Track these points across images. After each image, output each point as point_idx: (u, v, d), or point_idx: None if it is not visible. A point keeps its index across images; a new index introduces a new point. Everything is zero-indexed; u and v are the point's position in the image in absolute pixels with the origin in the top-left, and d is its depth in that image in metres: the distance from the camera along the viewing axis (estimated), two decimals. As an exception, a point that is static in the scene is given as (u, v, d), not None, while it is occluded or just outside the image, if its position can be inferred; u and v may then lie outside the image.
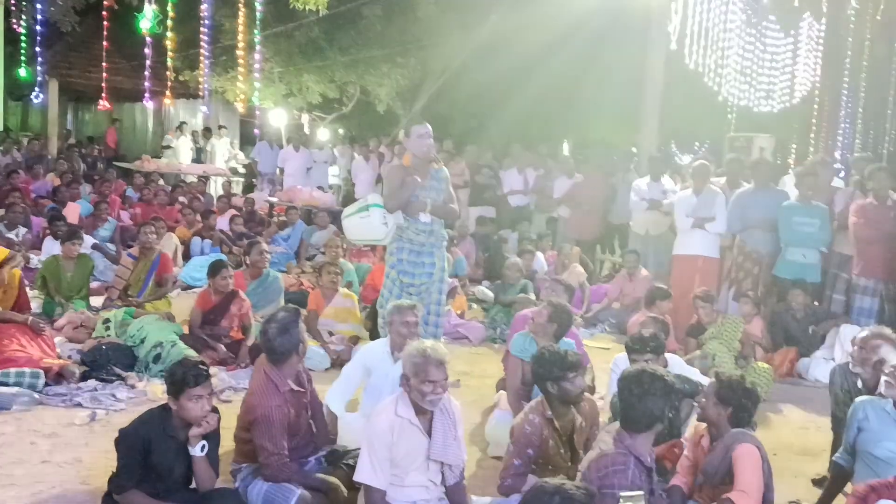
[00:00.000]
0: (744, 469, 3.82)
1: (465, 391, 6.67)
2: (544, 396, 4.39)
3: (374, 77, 17.59)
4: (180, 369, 3.99)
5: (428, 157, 6.45)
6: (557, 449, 4.33)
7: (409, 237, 6.48)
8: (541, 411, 4.36)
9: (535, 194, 13.05)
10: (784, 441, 6.04)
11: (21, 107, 24.83)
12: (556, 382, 4.30)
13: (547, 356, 4.39)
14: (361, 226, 6.57)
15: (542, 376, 4.36)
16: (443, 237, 6.62)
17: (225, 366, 6.78)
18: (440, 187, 6.52)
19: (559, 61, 16.43)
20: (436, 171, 6.54)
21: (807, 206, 8.18)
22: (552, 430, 4.32)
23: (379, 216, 6.44)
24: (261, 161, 16.74)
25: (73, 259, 8.13)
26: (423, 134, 6.43)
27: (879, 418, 4.31)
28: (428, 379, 3.78)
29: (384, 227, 6.43)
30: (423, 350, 3.82)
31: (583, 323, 9.19)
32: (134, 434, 3.87)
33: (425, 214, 6.41)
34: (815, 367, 7.66)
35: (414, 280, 6.45)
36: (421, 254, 6.47)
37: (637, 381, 3.70)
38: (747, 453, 3.87)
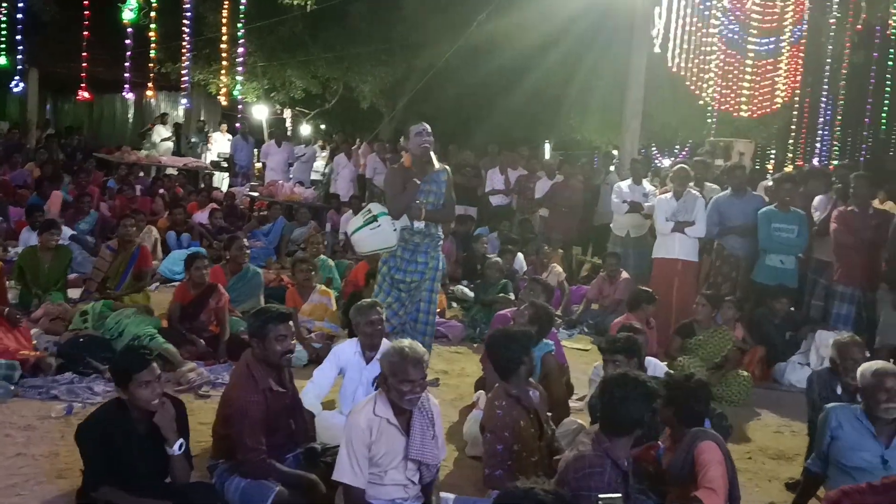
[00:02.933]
0: (706, 466, 3.87)
1: (443, 390, 6.68)
2: (508, 379, 4.51)
3: (357, 74, 17.52)
4: (123, 358, 4.06)
5: (424, 157, 6.36)
6: (528, 428, 4.40)
7: (403, 237, 6.45)
8: (503, 394, 4.45)
9: (517, 195, 13.07)
10: (759, 444, 6.09)
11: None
12: (529, 357, 4.52)
13: (506, 336, 4.62)
14: (374, 237, 6.45)
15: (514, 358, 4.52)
16: (438, 237, 6.58)
17: (204, 360, 6.74)
18: (439, 190, 6.44)
19: (544, 63, 16.46)
20: (436, 172, 6.45)
21: (785, 212, 8.26)
22: (521, 409, 4.41)
23: (388, 224, 6.36)
24: (236, 155, 16.66)
25: (50, 250, 8.05)
26: (419, 132, 6.34)
27: (853, 427, 4.35)
28: (406, 378, 3.78)
29: (395, 233, 6.38)
30: (401, 349, 3.82)
31: (562, 323, 9.23)
32: (92, 428, 3.85)
33: (419, 221, 6.38)
34: (791, 372, 7.73)
35: (405, 277, 6.43)
36: (415, 252, 6.44)
37: (619, 385, 3.72)
38: (707, 450, 3.92)
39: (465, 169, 13.54)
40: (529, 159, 14.13)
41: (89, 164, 15.76)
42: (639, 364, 5.04)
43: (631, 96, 12.81)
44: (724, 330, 7.38)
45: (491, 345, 4.69)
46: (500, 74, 17.21)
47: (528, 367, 4.55)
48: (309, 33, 16.72)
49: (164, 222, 11.45)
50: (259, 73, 17.63)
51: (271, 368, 4.36)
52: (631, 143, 12.84)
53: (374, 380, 4.57)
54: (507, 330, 4.79)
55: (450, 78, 17.46)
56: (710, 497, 3.76)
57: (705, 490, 3.79)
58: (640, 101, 12.81)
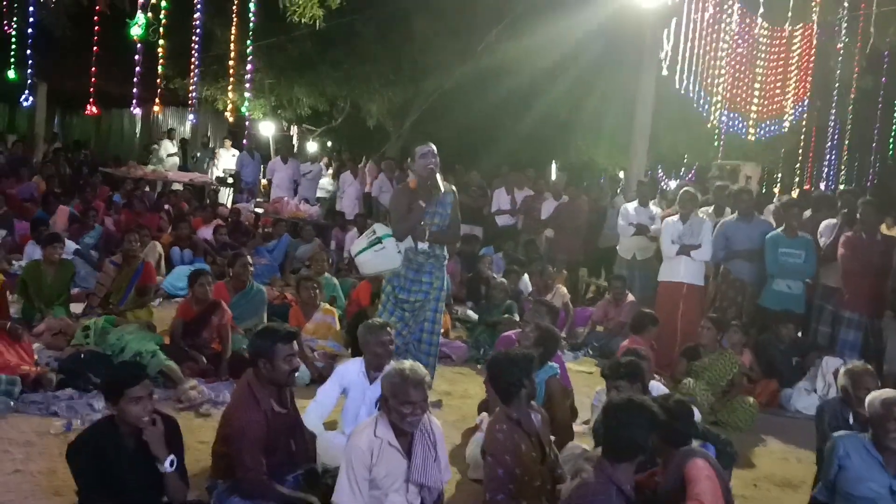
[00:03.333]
0: (694, 482, 3.80)
1: (446, 411, 6.62)
2: (508, 402, 4.44)
3: (365, 93, 17.57)
4: (116, 372, 4.05)
5: (429, 179, 6.27)
6: (530, 452, 4.34)
7: (408, 257, 6.41)
8: (504, 418, 4.39)
9: (523, 215, 13.05)
10: (765, 471, 6.02)
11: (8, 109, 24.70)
12: (530, 379, 4.43)
13: (509, 359, 4.52)
14: (378, 259, 6.46)
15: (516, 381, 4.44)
16: (443, 258, 6.52)
17: (205, 377, 6.69)
18: (445, 212, 6.39)
19: (553, 86, 16.51)
20: (444, 193, 6.39)
21: (792, 237, 8.21)
22: (522, 433, 4.35)
23: (393, 245, 6.36)
24: (243, 171, 16.67)
25: (54, 264, 8.03)
26: (425, 154, 6.27)
27: (860, 457, 4.29)
28: (407, 400, 3.75)
29: (400, 255, 6.36)
30: (402, 371, 3.78)
31: (566, 346, 9.17)
32: (83, 447, 3.81)
33: (423, 243, 6.35)
34: (798, 398, 7.66)
35: (409, 297, 6.39)
36: (420, 272, 6.40)
37: (622, 410, 3.68)
38: (695, 467, 3.86)
39: (471, 189, 13.53)
40: (536, 180, 14.12)
41: (95, 178, 15.79)
42: (642, 388, 4.98)
43: (639, 118, 12.81)
44: (729, 353, 7.32)
45: (492, 367, 4.64)
46: (508, 97, 17.24)
47: (530, 390, 4.49)
48: (317, 51, 16.76)
49: (167, 238, 11.43)
50: (267, 89, 17.68)
51: (274, 388, 4.32)
52: (638, 165, 12.82)
53: (377, 400, 4.52)
54: (508, 353, 4.74)
55: (458, 99, 17.53)
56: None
57: (691, 502, 3.73)
58: (647, 124, 12.81)
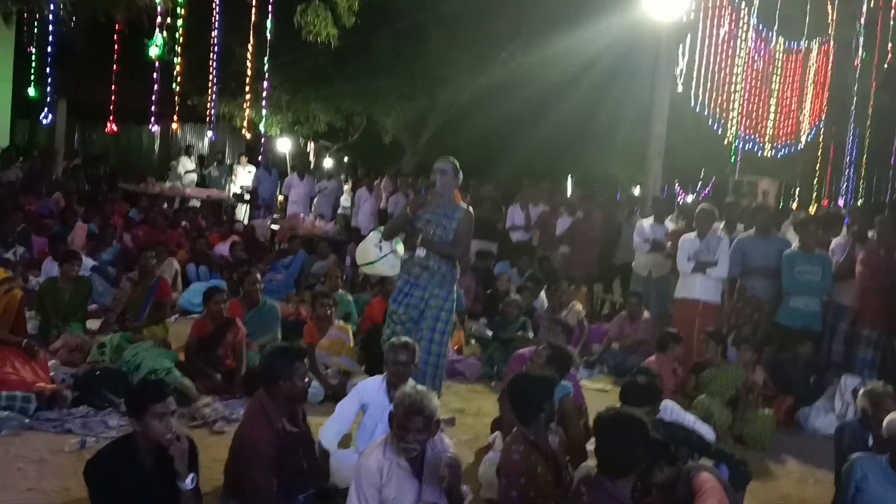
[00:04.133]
0: (704, 497, 3.71)
1: (459, 429, 6.59)
2: (527, 424, 4.40)
3: (381, 107, 17.64)
4: (140, 388, 4.10)
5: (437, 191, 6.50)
6: (546, 475, 4.30)
7: (406, 268, 6.49)
8: (521, 439, 4.36)
9: (538, 230, 13.02)
10: (782, 492, 5.95)
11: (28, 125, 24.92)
12: (551, 404, 4.41)
13: (529, 382, 4.51)
14: (360, 248, 6.67)
15: (536, 404, 4.40)
16: (442, 275, 6.47)
17: (220, 395, 6.69)
18: (449, 226, 6.43)
19: (567, 100, 16.52)
20: (454, 207, 6.51)
21: (809, 254, 8.14)
22: (538, 455, 4.31)
23: (372, 238, 6.52)
24: (259, 187, 16.76)
25: (71, 281, 8.10)
26: (435, 169, 6.54)
27: (878, 479, 4.24)
28: (404, 426, 3.77)
29: (376, 249, 6.43)
30: (405, 396, 3.80)
31: (581, 363, 9.12)
32: (100, 464, 3.81)
33: (421, 250, 6.39)
34: (815, 418, 7.57)
35: (398, 308, 6.44)
36: (414, 286, 6.43)
37: (616, 426, 3.65)
38: (703, 480, 3.79)
39: (485, 203, 13.52)
40: (552, 194, 14.09)
41: (114, 195, 15.89)
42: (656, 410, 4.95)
43: (654, 134, 12.78)
44: (734, 366, 7.31)
45: (512, 388, 4.59)
46: (523, 110, 17.27)
47: (549, 413, 4.45)
48: (333, 67, 16.86)
49: (184, 254, 11.48)
50: (283, 106, 17.79)
51: (287, 406, 4.32)
52: (653, 181, 12.79)
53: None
54: (529, 375, 4.70)
55: (473, 113, 17.57)
56: None
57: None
58: (662, 139, 12.78)
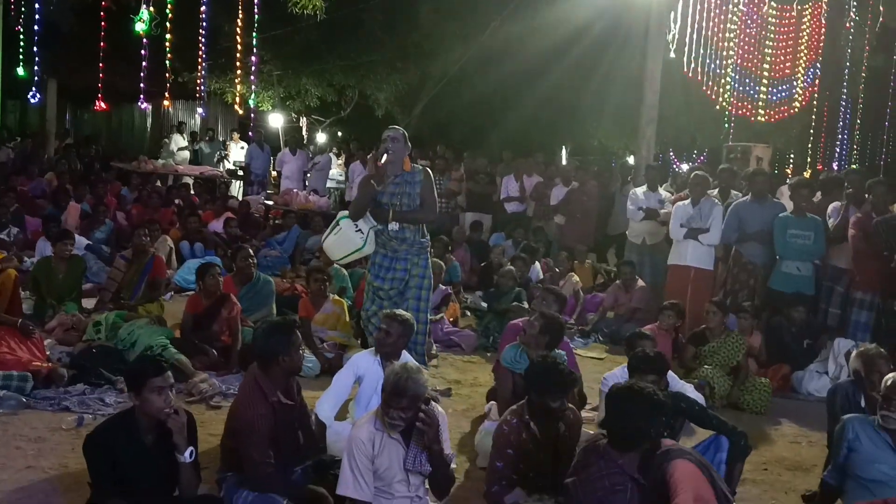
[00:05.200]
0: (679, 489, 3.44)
1: (456, 400, 6.64)
2: (527, 402, 4.39)
3: (372, 82, 17.56)
4: (138, 363, 4.14)
5: (387, 161, 6.39)
6: (538, 455, 4.30)
7: (382, 242, 6.47)
8: (519, 414, 4.37)
9: (534, 201, 13.02)
10: (776, 455, 6.00)
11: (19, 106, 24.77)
12: (539, 395, 4.30)
13: (540, 369, 4.36)
14: (338, 242, 6.57)
15: (529, 383, 4.38)
16: (420, 244, 6.50)
17: (216, 371, 6.72)
18: (413, 191, 6.43)
19: (558, 69, 16.46)
20: (409, 173, 6.46)
21: (801, 218, 8.14)
22: (530, 435, 4.31)
23: (349, 226, 6.45)
24: (252, 163, 16.71)
25: (64, 260, 8.09)
26: (384, 138, 6.47)
27: (870, 439, 4.27)
28: (387, 402, 3.79)
29: (359, 234, 6.40)
30: (393, 373, 3.80)
31: (576, 332, 9.16)
32: (99, 439, 3.82)
33: (394, 224, 6.37)
34: (809, 381, 7.63)
35: (383, 285, 6.43)
36: (395, 259, 6.44)
37: (626, 399, 3.65)
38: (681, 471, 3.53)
39: (478, 175, 13.50)
40: (547, 166, 14.07)
41: (110, 174, 15.83)
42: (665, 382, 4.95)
43: (646, 102, 12.72)
44: (735, 335, 7.31)
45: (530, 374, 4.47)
46: (514, 80, 17.22)
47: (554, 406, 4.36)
48: (324, 41, 16.76)
49: (177, 232, 11.47)
50: (275, 81, 17.69)
51: (282, 380, 4.33)
52: (647, 149, 12.74)
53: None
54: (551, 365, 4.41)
55: (464, 85, 17.52)
56: None
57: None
58: (655, 107, 12.71)
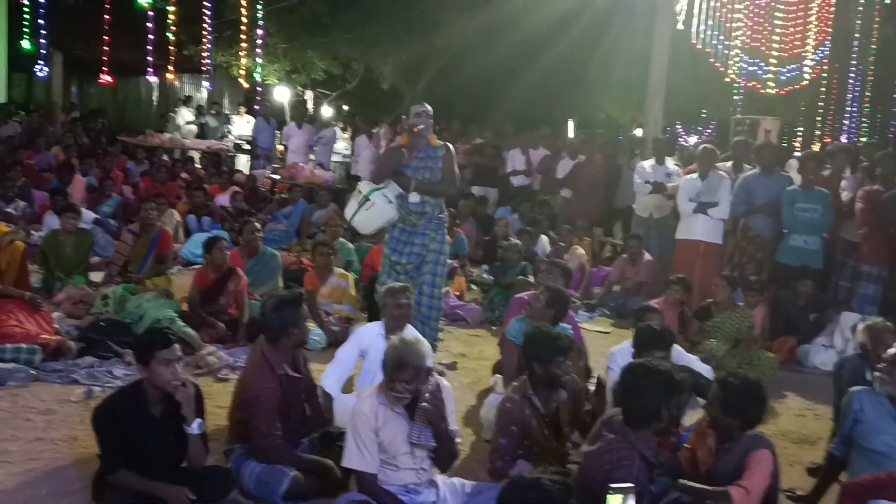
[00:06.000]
0: (755, 472, 3.77)
1: (461, 373, 6.67)
2: (529, 375, 4.40)
3: (378, 55, 17.46)
4: (147, 335, 4.14)
5: (419, 136, 6.31)
6: (540, 429, 4.33)
7: (401, 216, 6.42)
8: (522, 390, 4.38)
9: (540, 175, 12.97)
10: (781, 428, 6.01)
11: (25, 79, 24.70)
12: (543, 364, 4.31)
13: (538, 337, 4.40)
14: (372, 216, 6.40)
15: (530, 356, 4.38)
16: (439, 219, 6.49)
17: (223, 343, 6.76)
18: (435, 166, 6.39)
19: (565, 41, 16.33)
20: (433, 149, 6.42)
21: (809, 191, 8.10)
22: (533, 409, 4.33)
23: (381, 199, 6.33)
24: (258, 137, 16.67)
25: (72, 234, 8.11)
26: (418, 113, 6.36)
27: (876, 411, 4.27)
28: (391, 377, 3.77)
29: (391, 205, 6.34)
30: (395, 346, 3.79)
31: (582, 306, 9.17)
32: (108, 411, 3.85)
33: (414, 195, 6.33)
34: (815, 354, 7.62)
35: (401, 259, 6.40)
36: (413, 234, 6.40)
37: (641, 377, 3.65)
38: (764, 458, 3.83)
39: (485, 149, 13.45)
40: (554, 139, 14.00)
41: (116, 148, 15.80)
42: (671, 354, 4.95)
43: (654, 74, 12.64)
44: (742, 309, 7.28)
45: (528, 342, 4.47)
46: (519, 52, 17.08)
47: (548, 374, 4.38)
48: (329, 14, 16.66)
49: (184, 206, 11.47)
50: (280, 54, 17.61)
51: (289, 353, 4.36)
52: (654, 121, 12.69)
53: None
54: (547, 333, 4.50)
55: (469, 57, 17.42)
56: (740, 495, 3.67)
57: (738, 488, 3.69)
58: (663, 79, 12.64)
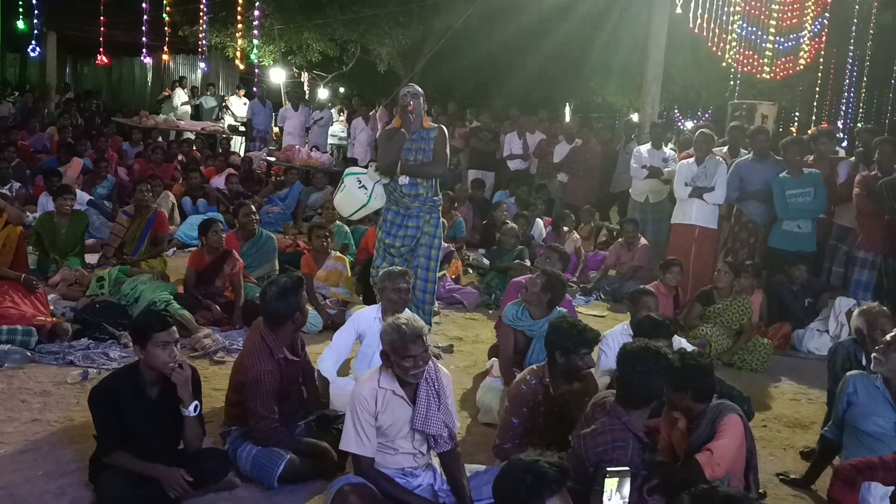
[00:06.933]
0: (722, 435, 3.82)
1: (458, 356, 6.68)
2: (549, 364, 4.37)
3: (375, 36, 17.37)
4: (143, 317, 4.13)
5: (409, 115, 6.32)
6: (548, 418, 4.33)
7: (395, 199, 6.44)
8: (539, 376, 4.36)
9: (537, 159, 12.97)
10: (775, 412, 6.05)
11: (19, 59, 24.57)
12: (566, 354, 4.28)
13: (564, 326, 4.34)
14: (344, 200, 6.57)
15: (553, 344, 4.34)
16: (433, 202, 6.49)
17: (219, 326, 6.76)
18: (427, 147, 6.39)
19: (563, 25, 16.25)
20: (426, 130, 6.42)
21: (798, 177, 8.04)
22: (546, 397, 4.32)
23: (353, 182, 6.44)
24: (254, 119, 16.61)
25: (67, 216, 8.09)
26: (405, 94, 6.41)
27: (869, 393, 4.31)
28: (407, 354, 3.72)
29: (362, 190, 6.39)
30: (398, 326, 3.73)
31: (578, 290, 9.19)
32: (104, 393, 3.84)
33: (403, 176, 6.34)
34: (809, 339, 7.66)
35: (395, 242, 6.42)
36: (407, 217, 6.41)
37: (640, 359, 3.66)
38: (730, 422, 3.88)
39: (482, 133, 13.43)
40: (551, 123, 13.96)
41: (110, 129, 15.74)
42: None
43: (651, 58, 12.60)
44: (742, 298, 7.30)
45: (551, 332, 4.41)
46: (517, 36, 17.02)
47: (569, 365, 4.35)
48: (326, -6, 16.57)
49: (179, 188, 11.44)
50: (276, 35, 17.51)
51: (289, 336, 4.36)
52: (651, 106, 12.65)
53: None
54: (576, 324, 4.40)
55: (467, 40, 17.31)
56: (706, 458, 3.72)
57: (705, 452, 3.75)
58: (660, 64, 12.60)
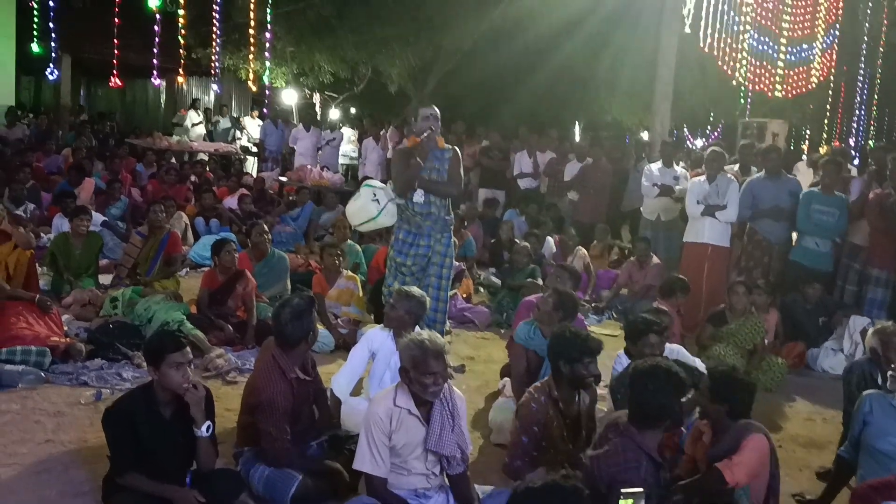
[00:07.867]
0: (745, 450, 3.80)
1: (470, 376, 6.66)
2: (553, 376, 4.36)
3: (385, 57, 17.48)
4: (157, 337, 4.12)
5: (428, 140, 6.30)
6: (560, 431, 4.32)
7: (406, 218, 6.44)
8: (547, 391, 4.35)
9: (547, 177, 12.98)
10: (790, 432, 6.01)
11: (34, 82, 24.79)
12: (570, 364, 4.28)
13: (567, 336, 4.35)
14: (355, 209, 6.58)
15: (557, 354, 4.33)
16: (444, 221, 6.49)
17: (231, 346, 6.77)
18: (442, 167, 6.40)
19: (572, 43, 16.32)
20: (440, 151, 6.42)
21: (828, 195, 8.07)
22: (556, 411, 4.32)
23: (367, 194, 6.46)
24: (266, 140, 16.71)
25: (81, 236, 8.14)
26: (426, 116, 6.37)
27: (884, 412, 4.28)
28: (428, 371, 3.71)
29: (375, 203, 6.39)
30: (421, 342, 3.74)
31: (590, 309, 9.16)
32: (118, 413, 3.85)
33: (418, 194, 6.34)
34: (824, 358, 7.61)
35: (406, 261, 6.40)
36: (418, 236, 6.40)
37: (650, 377, 3.66)
38: (755, 441, 3.86)
39: (492, 152, 13.46)
40: (561, 142, 13.99)
41: (124, 150, 15.86)
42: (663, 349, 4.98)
43: (661, 77, 12.62)
44: (756, 318, 7.23)
45: (554, 342, 4.45)
46: (526, 55, 17.10)
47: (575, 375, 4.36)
48: (336, 16, 16.68)
49: (191, 209, 11.50)
50: (288, 57, 17.64)
51: (301, 357, 4.37)
52: (661, 125, 12.66)
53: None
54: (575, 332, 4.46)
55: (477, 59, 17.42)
56: (727, 469, 3.71)
57: (727, 462, 3.75)
58: (670, 83, 12.63)
